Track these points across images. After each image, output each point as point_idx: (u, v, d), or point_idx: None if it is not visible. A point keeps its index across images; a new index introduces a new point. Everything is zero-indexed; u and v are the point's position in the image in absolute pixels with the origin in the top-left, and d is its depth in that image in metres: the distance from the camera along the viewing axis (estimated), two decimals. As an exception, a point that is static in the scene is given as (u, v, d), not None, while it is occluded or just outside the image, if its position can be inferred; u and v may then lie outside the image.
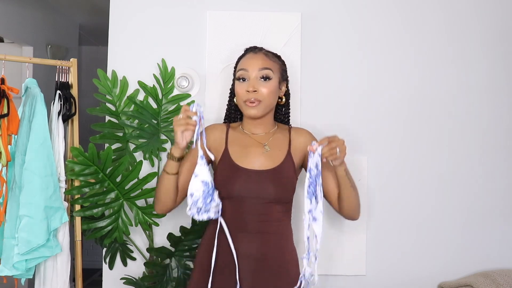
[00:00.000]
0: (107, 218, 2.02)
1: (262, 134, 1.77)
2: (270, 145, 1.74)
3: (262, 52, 1.75)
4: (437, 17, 2.27)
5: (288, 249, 1.73)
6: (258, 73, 1.69)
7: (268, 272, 1.66)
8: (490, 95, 2.27)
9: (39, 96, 1.92)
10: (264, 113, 1.72)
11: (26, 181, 1.87)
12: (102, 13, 3.17)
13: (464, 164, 2.27)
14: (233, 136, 1.77)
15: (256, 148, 1.73)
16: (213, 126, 1.81)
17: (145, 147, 2.07)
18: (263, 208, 1.66)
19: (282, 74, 1.78)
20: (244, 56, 1.77)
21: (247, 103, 1.69)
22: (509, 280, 2.09)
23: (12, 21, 3.36)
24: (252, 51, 1.77)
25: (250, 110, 1.69)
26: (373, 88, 2.25)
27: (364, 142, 2.24)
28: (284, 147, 1.74)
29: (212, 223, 1.74)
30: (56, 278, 1.98)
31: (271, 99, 1.72)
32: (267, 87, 1.69)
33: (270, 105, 1.73)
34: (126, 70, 2.20)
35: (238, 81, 1.72)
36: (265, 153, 1.72)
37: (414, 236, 2.25)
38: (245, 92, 1.69)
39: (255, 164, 1.69)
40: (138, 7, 2.24)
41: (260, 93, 1.68)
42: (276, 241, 1.69)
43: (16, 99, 1.95)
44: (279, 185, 1.67)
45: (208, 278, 1.67)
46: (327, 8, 2.25)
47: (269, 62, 1.73)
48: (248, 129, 1.78)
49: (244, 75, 1.71)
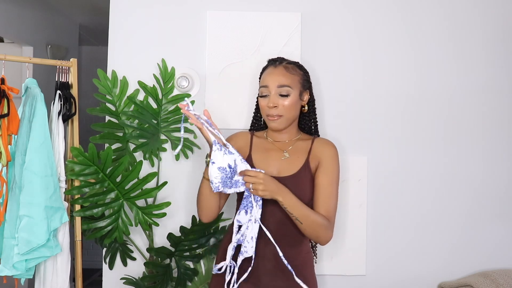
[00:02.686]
0: (107, 218, 2.01)
1: (284, 142, 1.81)
2: (290, 152, 1.77)
3: (282, 66, 1.77)
4: (437, 17, 2.27)
5: (303, 250, 1.75)
6: (277, 90, 1.73)
7: (283, 273, 1.67)
8: (491, 95, 2.28)
9: (39, 96, 1.92)
10: (286, 126, 1.77)
11: (26, 181, 1.86)
12: (102, 13, 3.18)
13: (464, 164, 2.27)
14: (257, 142, 1.82)
15: (275, 154, 1.77)
16: (237, 134, 1.86)
17: (145, 147, 2.07)
18: (281, 212, 1.68)
19: (304, 85, 1.80)
20: (265, 70, 1.80)
21: (269, 117, 1.74)
22: (509, 280, 2.09)
23: (12, 21, 3.36)
24: (272, 65, 1.79)
25: (272, 124, 1.75)
26: (373, 88, 2.25)
27: (364, 142, 2.24)
28: (303, 155, 1.76)
29: (232, 225, 1.75)
30: (56, 278, 1.98)
31: (292, 112, 1.76)
32: (287, 102, 1.73)
33: (291, 118, 1.77)
34: (126, 70, 2.20)
35: (261, 97, 1.77)
36: (284, 159, 1.75)
37: (414, 236, 2.25)
38: (267, 107, 1.74)
39: (273, 170, 1.73)
40: (138, 6, 2.24)
41: (280, 108, 1.72)
42: (292, 243, 1.72)
43: (16, 99, 1.95)
44: (295, 191, 1.67)
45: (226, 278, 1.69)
46: (327, 8, 2.25)
47: (288, 78, 1.74)
48: (272, 136, 1.83)
49: (265, 92, 1.76)
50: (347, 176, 2.21)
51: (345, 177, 2.20)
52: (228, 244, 1.71)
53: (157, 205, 2.01)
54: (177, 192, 2.22)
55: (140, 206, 2.03)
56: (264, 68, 1.83)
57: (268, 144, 1.81)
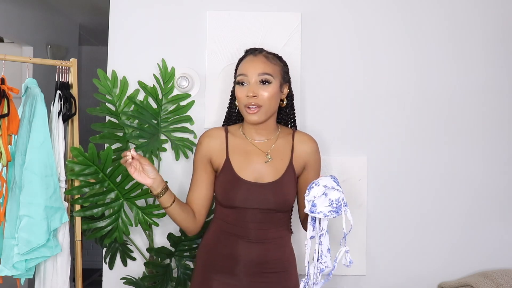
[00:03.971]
0: (107, 218, 2.01)
1: (264, 141, 1.73)
2: (272, 154, 1.71)
3: (262, 55, 1.70)
4: (437, 16, 2.27)
5: (286, 251, 1.74)
6: (258, 77, 1.65)
7: (267, 274, 1.67)
8: (491, 95, 2.28)
9: (39, 96, 1.92)
10: (265, 119, 1.68)
11: (26, 181, 1.86)
12: (102, 13, 3.17)
13: (464, 164, 2.27)
14: (233, 143, 1.73)
15: (258, 157, 1.70)
16: (209, 133, 1.76)
17: (145, 147, 2.07)
18: (264, 217, 1.67)
19: (284, 76, 1.73)
20: (244, 59, 1.73)
21: (247, 108, 1.65)
22: (509, 280, 2.09)
23: (12, 21, 3.36)
24: (252, 54, 1.72)
25: (251, 117, 1.65)
26: (373, 88, 2.25)
27: (364, 142, 2.24)
28: (286, 156, 1.72)
29: (214, 223, 1.75)
30: (56, 278, 1.98)
31: (272, 103, 1.67)
32: (268, 91, 1.65)
33: (271, 110, 1.68)
34: (126, 70, 2.20)
35: (238, 85, 1.69)
36: (267, 163, 1.70)
37: (414, 236, 2.25)
38: (245, 97, 1.65)
39: (256, 175, 1.68)
40: (138, 6, 2.24)
41: (260, 97, 1.64)
42: (275, 246, 1.70)
43: (16, 99, 1.95)
44: (280, 196, 1.67)
45: (209, 279, 1.68)
46: (327, 8, 2.25)
47: (269, 66, 1.68)
48: (249, 134, 1.74)
49: (243, 80, 1.67)
50: (347, 176, 2.21)
51: (345, 177, 2.20)
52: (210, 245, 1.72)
53: (157, 205, 2.01)
54: (177, 192, 2.21)
55: (140, 206, 2.03)
56: (241, 58, 1.75)
57: (248, 145, 1.72)
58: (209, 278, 1.69)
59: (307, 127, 2.18)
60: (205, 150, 1.73)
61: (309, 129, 2.16)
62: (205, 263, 1.72)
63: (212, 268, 1.69)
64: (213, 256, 1.70)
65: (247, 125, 1.74)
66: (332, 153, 2.21)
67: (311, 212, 1.49)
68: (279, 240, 1.71)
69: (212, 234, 1.74)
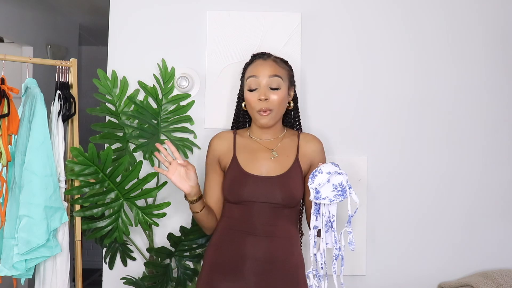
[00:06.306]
0: (107, 218, 2.01)
1: (270, 140, 1.79)
2: (278, 151, 1.76)
3: (271, 59, 1.77)
4: (437, 17, 2.27)
5: (295, 253, 1.74)
6: (268, 80, 1.71)
7: (275, 275, 1.67)
8: (491, 95, 2.28)
9: (39, 96, 1.92)
10: (274, 122, 1.75)
11: (26, 181, 1.86)
12: (102, 13, 3.17)
13: (464, 164, 2.27)
14: (241, 143, 1.79)
15: (264, 154, 1.75)
16: (218, 135, 1.84)
17: (145, 147, 2.07)
18: (271, 212, 1.68)
19: (290, 80, 1.80)
20: (252, 63, 1.78)
21: (260, 112, 1.71)
22: (509, 280, 2.09)
23: (12, 21, 3.36)
24: (260, 58, 1.78)
25: (262, 120, 1.72)
26: (373, 88, 2.25)
27: (364, 142, 2.24)
28: (292, 153, 1.76)
29: (221, 222, 1.77)
30: (55, 278, 1.98)
31: (282, 107, 1.75)
32: (278, 95, 1.71)
33: (280, 113, 1.76)
34: (126, 70, 2.20)
35: (250, 92, 1.74)
36: (273, 158, 1.74)
37: (414, 236, 2.25)
38: (257, 101, 1.71)
39: (263, 170, 1.72)
40: (138, 6, 2.24)
41: (271, 101, 1.70)
42: (283, 244, 1.71)
43: (16, 99, 1.95)
44: (287, 190, 1.68)
45: (216, 278, 1.69)
46: (327, 8, 2.25)
47: (279, 69, 1.74)
48: (256, 135, 1.80)
49: (254, 83, 1.72)
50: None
51: (345, 177, 2.20)
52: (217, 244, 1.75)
53: (157, 205, 2.01)
54: (177, 192, 2.21)
55: (140, 206, 2.03)
56: (249, 62, 1.81)
57: (254, 143, 1.79)
58: (215, 280, 1.69)
59: (307, 127, 2.18)
60: (214, 151, 1.82)
61: (308, 129, 2.16)
62: (212, 263, 1.73)
63: (219, 269, 1.70)
64: (220, 255, 1.72)
65: (255, 127, 1.81)
66: (332, 153, 2.21)
67: (316, 199, 1.51)
68: (287, 239, 1.71)
69: (220, 233, 1.76)
